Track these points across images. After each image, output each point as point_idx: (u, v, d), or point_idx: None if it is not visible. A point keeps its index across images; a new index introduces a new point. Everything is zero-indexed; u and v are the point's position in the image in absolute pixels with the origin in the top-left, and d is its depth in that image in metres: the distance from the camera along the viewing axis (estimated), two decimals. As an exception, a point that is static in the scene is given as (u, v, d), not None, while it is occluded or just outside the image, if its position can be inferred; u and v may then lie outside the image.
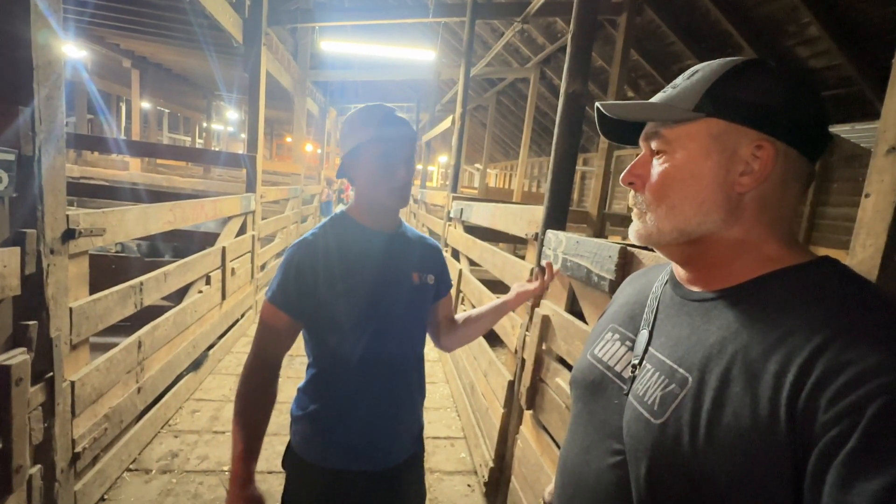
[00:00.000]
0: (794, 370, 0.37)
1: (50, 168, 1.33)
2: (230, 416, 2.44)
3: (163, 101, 12.90)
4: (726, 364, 0.42)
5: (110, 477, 1.84)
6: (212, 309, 2.92)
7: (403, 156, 0.94)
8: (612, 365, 0.57)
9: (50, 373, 1.41)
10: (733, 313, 0.45)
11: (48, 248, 1.36)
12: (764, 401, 0.38)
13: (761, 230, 0.47)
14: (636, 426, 0.48)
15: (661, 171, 0.50)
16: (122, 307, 1.85)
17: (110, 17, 5.02)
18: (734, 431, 0.39)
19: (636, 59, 5.58)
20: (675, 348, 0.49)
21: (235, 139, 22.24)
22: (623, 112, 0.52)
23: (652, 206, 0.50)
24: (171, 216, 2.28)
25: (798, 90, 0.46)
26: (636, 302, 0.60)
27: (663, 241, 0.51)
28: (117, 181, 5.54)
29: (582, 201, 10.32)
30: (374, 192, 0.94)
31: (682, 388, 0.45)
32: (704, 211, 0.47)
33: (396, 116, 0.94)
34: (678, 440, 0.43)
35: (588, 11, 1.64)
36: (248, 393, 0.90)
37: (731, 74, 0.47)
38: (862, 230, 1.12)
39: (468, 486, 2.13)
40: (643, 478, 0.46)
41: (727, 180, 0.46)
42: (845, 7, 3.44)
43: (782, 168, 0.46)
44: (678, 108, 0.48)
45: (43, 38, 1.27)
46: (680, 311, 0.52)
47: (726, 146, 0.46)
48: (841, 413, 0.34)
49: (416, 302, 0.99)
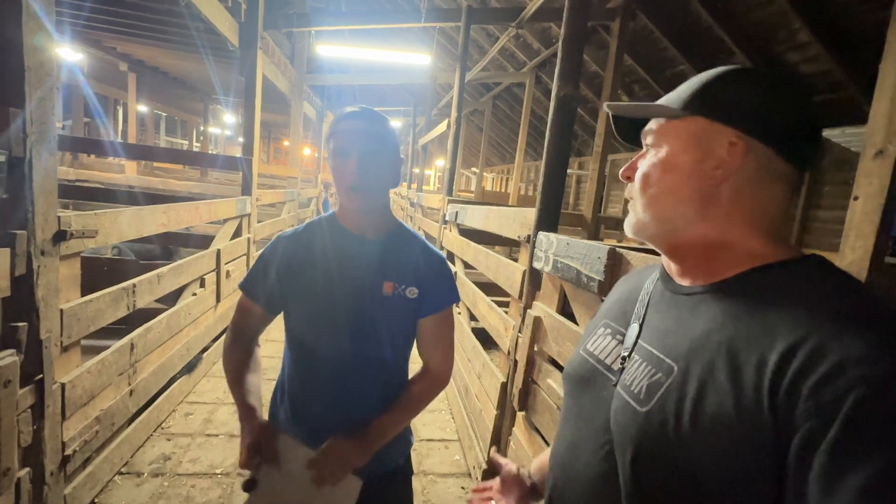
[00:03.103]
0: (776, 359, 0.38)
1: (41, 170, 1.33)
2: (223, 419, 2.46)
3: (160, 104, 12.89)
4: (711, 354, 0.43)
5: (101, 480, 1.83)
6: (206, 311, 2.91)
7: (357, 149, 0.87)
8: (603, 358, 0.58)
9: (40, 375, 1.40)
10: (720, 307, 0.46)
11: (39, 250, 1.36)
12: (747, 389, 0.39)
13: (742, 227, 0.48)
14: (623, 415, 0.49)
15: (646, 164, 0.53)
16: (114, 309, 1.84)
17: (106, 20, 5.03)
18: (717, 419, 0.40)
19: (630, 64, 5.63)
20: (663, 340, 0.50)
21: (233, 143, 22.19)
22: (623, 110, 0.57)
23: (638, 198, 0.53)
24: (165, 218, 2.28)
25: (778, 94, 0.47)
26: (628, 298, 0.61)
27: (648, 231, 0.53)
28: (113, 184, 5.53)
29: (577, 205, 10.37)
30: (337, 190, 0.92)
31: (667, 376, 0.46)
32: (678, 202, 0.50)
33: (363, 111, 0.89)
34: (663, 428, 0.44)
35: (579, 16, 1.66)
36: (230, 361, 0.95)
37: (721, 78, 0.50)
38: (851, 232, 1.14)
39: (462, 489, 2.13)
40: (629, 466, 0.47)
41: (701, 173, 0.49)
42: (835, 13, 3.49)
43: (755, 165, 0.47)
44: (669, 106, 0.51)
45: (35, 41, 1.27)
46: (669, 305, 0.53)
47: (704, 142, 0.49)
48: (821, 403, 0.35)
49: (382, 313, 0.92)
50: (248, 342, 0.99)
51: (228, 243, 3.32)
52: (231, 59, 5.61)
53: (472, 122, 13.05)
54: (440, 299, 0.97)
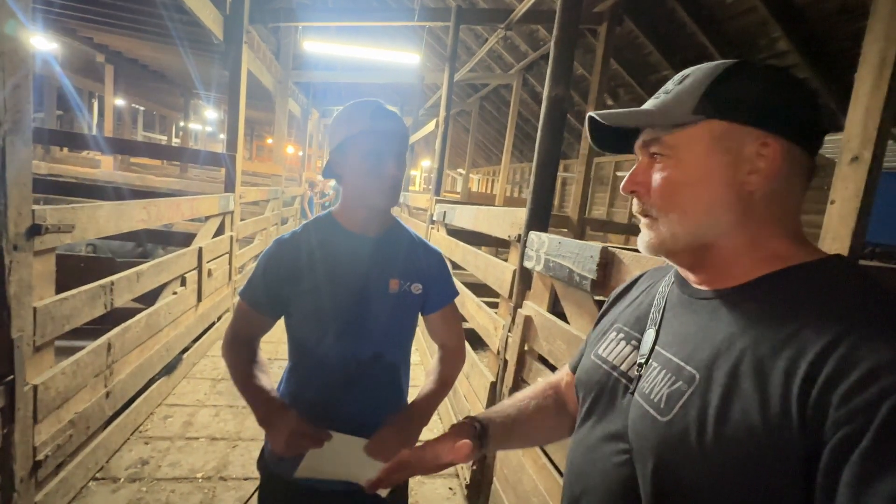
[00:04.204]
0: (804, 366, 0.37)
1: (15, 161, 1.27)
2: (204, 422, 2.39)
3: (138, 98, 12.50)
4: (734, 361, 0.42)
5: (75, 486, 1.75)
6: (187, 311, 2.83)
7: (393, 151, 0.89)
8: (618, 364, 0.56)
9: (10, 376, 1.33)
10: (742, 311, 0.45)
11: (11, 244, 1.30)
12: (774, 397, 0.38)
13: (771, 228, 0.47)
14: (642, 424, 0.48)
15: (666, 177, 0.49)
16: (90, 308, 1.77)
17: (83, 8, 4.84)
18: (743, 428, 0.39)
19: (615, 69, 5.71)
20: (683, 346, 0.48)
21: (214, 139, 21.73)
22: (620, 119, 0.52)
23: (662, 213, 0.50)
24: (146, 214, 2.20)
25: (793, 87, 0.47)
26: (642, 302, 0.60)
27: (678, 247, 0.50)
28: (88, 179, 5.33)
29: (563, 206, 10.47)
30: (361, 190, 0.90)
31: (689, 385, 0.44)
32: (717, 212, 0.47)
33: (388, 110, 0.90)
34: (685, 437, 0.42)
35: (571, 18, 1.67)
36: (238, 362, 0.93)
37: (726, 76, 0.47)
38: (828, 235, 1.17)
39: (450, 490, 2.12)
40: (650, 476, 0.45)
41: (736, 180, 0.46)
42: (813, 23, 3.61)
43: (787, 164, 0.46)
44: (677, 112, 0.48)
45: (8, 27, 1.21)
46: (687, 310, 0.51)
47: (730, 146, 0.46)
48: (853, 411, 0.33)
49: (390, 311, 0.93)
50: (250, 346, 0.97)
51: (211, 241, 3.24)
52: (214, 53, 5.47)
53: (459, 123, 13.07)
54: (444, 295, 1.02)
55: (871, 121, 1.08)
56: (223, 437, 2.30)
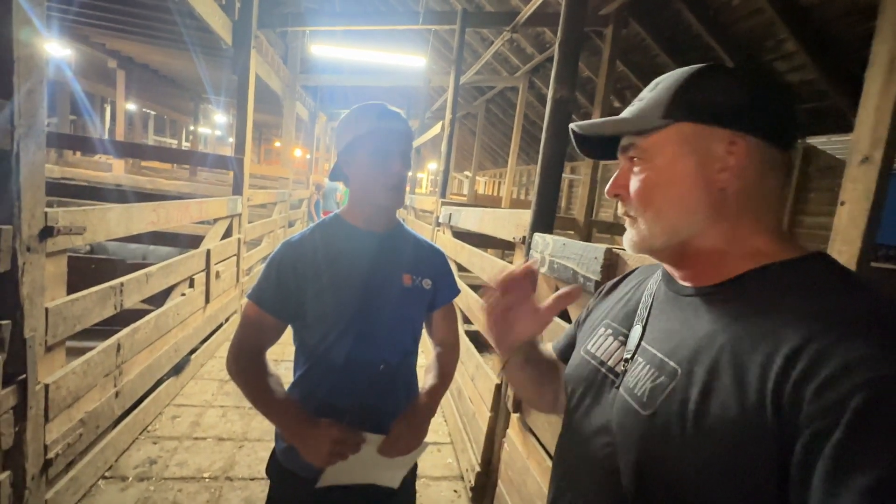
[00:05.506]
0: (780, 361, 0.38)
1: (29, 164, 1.30)
2: (211, 422, 2.42)
3: (149, 103, 12.69)
4: (715, 356, 0.43)
5: (84, 484, 1.78)
6: (195, 312, 2.86)
7: (398, 150, 0.91)
8: (606, 360, 0.57)
9: (23, 375, 1.36)
10: (724, 308, 0.46)
11: (24, 246, 1.32)
12: (751, 392, 0.39)
13: (750, 224, 0.48)
14: (625, 418, 0.49)
15: (642, 179, 0.51)
16: (101, 308, 1.80)
17: (95, 15, 4.93)
18: (721, 421, 0.40)
19: (622, 71, 5.70)
20: (666, 342, 0.49)
21: (223, 143, 21.97)
22: (597, 129, 0.54)
23: (640, 213, 0.52)
24: (155, 216, 2.24)
25: (759, 86, 0.48)
26: (631, 298, 0.61)
27: (656, 245, 0.52)
28: (100, 182, 5.42)
29: (570, 209, 10.44)
30: (368, 189, 0.92)
31: (671, 379, 0.45)
32: (689, 210, 0.49)
33: (393, 111, 0.93)
34: (667, 431, 0.43)
35: (575, 20, 1.67)
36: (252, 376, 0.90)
37: (694, 79, 0.49)
38: (838, 237, 1.16)
39: (455, 492, 2.11)
40: (632, 468, 0.46)
41: (706, 179, 0.48)
42: (820, 23, 3.58)
43: (758, 160, 0.47)
44: (648, 118, 0.50)
45: (24, 33, 1.24)
46: (673, 307, 0.53)
47: (698, 147, 0.48)
48: (825, 406, 0.34)
49: (406, 305, 0.95)
50: (259, 359, 0.92)
51: (219, 243, 3.28)
52: (223, 57, 5.54)
53: (465, 126, 13.10)
54: (449, 292, 1.05)
55: (881, 121, 1.06)
56: (230, 438, 2.31)
